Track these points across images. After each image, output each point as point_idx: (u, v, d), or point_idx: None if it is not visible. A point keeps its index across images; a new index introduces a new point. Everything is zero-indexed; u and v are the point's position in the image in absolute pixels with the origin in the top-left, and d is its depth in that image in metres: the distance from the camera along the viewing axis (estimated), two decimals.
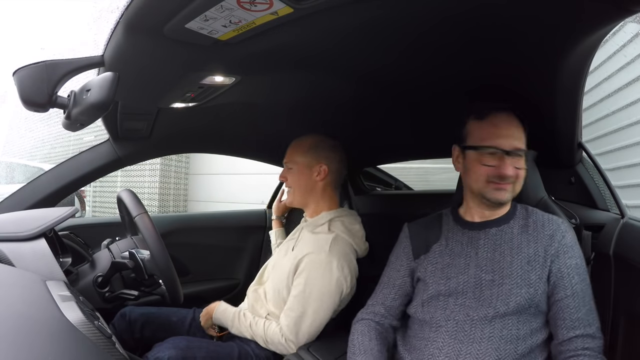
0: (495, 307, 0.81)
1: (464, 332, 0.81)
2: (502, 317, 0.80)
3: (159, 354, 0.97)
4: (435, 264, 0.91)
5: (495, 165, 0.85)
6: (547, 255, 0.83)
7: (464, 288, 0.85)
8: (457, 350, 0.80)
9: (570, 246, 0.85)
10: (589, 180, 1.10)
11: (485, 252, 0.87)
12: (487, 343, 0.79)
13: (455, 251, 0.90)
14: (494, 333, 0.80)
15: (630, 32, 2.63)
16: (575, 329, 0.78)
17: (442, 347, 0.82)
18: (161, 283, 0.99)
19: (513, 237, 0.87)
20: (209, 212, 2.64)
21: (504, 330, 0.80)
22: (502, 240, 0.87)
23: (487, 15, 0.63)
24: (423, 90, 1.00)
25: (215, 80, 0.88)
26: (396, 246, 1.03)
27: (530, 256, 0.84)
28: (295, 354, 1.08)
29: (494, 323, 0.80)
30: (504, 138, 0.85)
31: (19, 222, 0.90)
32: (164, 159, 5.33)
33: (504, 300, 0.81)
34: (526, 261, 0.83)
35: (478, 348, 0.79)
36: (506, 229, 0.89)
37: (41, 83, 0.71)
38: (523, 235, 0.87)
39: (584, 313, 0.80)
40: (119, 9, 0.63)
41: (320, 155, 1.22)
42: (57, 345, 0.50)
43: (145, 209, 0.97)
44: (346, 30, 0.69)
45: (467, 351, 0.80)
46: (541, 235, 0.86)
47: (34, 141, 7.62)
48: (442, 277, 0.88)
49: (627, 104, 2.73)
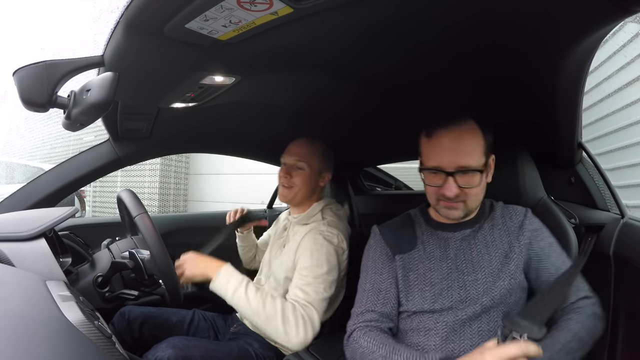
0: (482, 303, 0.82)
1: (455, 333, 0.82)
2: (487, 311, 0.82)
3: (158, 353, 0.97)
4: (417, 270, 0.90)
5: (439, 186, 0.85)
6: (522, 245, 0.86)
7: (449, 292, 0.85)
8: (449, 350, 0.81)
9: (539, 229, 0.88)
10: (589, 180, 1.09)
11: (463, 254, 0.88)
12: (477, 337, 0.81)
13: (435, 256, 0.90)
14: (482, 327, 0.81)
15: (630, 32, 2.63)
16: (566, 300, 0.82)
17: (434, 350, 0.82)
18: (161, 283, 0.99)
19: (486, 234, 0.89)
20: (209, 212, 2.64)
21: (490, 323, 0.81)
22: (477, 239, 0.89)
23: (487, 16, 0.63)
24: (423, 90, 1.00)
25: (215, 80, 0.88)
26: (369, 249, 0.99)
27: (506, 250, 0.86)
28: (295, 354, 1.08)
29: (481, 318, 0.82)
30: (447, 157, 0.83)
31: (19, 222, 0.90)
32: (164, 159, 5.34)
33: (489, 295, 0.82)
34: (503, 255, 0.85)
35: (470, 344, 0.80)
36: (478, 228, 0.90)
37: (41, 83, 0.71)
38: (495, 231, 0.89)
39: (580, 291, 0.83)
40: (119, 9, 0.63)
41: (328, 163, 1.29)
42: (57, 345, 0.50)
43: (145, 209, 0.96)
44: (346, 31, 0.69)
45: (460, 349, 0.80)
46: (512, 228, 0.89)
47: (34, 141, 7.63)
48: (426, 284, 0.87)
49: (627, 104, 2.74)
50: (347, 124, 1.31)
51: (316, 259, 1.10)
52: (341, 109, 1.18)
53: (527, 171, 1.00)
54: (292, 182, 1.24)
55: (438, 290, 0.86)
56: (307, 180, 1.24)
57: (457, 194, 0.83)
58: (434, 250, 0.91)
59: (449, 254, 0.89)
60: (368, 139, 1.45)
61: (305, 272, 1.08)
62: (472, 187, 0.84)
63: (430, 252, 0.91)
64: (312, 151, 1.25)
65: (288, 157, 1.26)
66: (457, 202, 0.85)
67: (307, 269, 1.08)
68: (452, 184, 0.83)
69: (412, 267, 0.90)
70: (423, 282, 0.88)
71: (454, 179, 0.83)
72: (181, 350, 0.97)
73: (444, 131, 0.84)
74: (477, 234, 0.89)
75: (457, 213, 0.86)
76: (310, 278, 1.07)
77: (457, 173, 0.83)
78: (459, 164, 0.82)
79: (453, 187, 0.83)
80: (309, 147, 1.25)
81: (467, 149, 0.83)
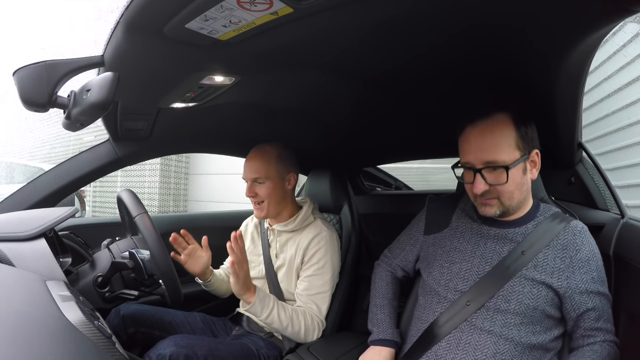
0: (496, 302, 0.81)
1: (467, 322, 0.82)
2: (503, 314, 0.80)
3: (160, 351, 0.96)
4: (444, 246, 0.93)
5: (471, 183, 0.85)
6: (558, 268, 0.81)
7: (465, 275, 0.86)
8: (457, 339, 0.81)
9: (586, 260, 0.81)
10: (589, 180, 1.09)
11: (493, 245, 0.87)
12: (487, 336, 0.80)
13: (465, 237, 0.91)
14: (494, 329, 0.80)
15: (630, 32, 2.63)
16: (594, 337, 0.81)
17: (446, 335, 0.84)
18: (161, 283, 0.99)
19: (525, 238, 0.85)
20: (209, 212, 2.64)
21: (504, 328, 0.80)
22: (513, 238, 0.86)
23: (488, 16, 0.63)
24: (423, 90, 1.00)
25: (215, 80, 0.88)
26: (417, 216, 1.08)
27: (538, 261, 0.82)
28: (295, 354, 1.08)
29: (495, 318, 0.81)
30: (474, 153, 0.82)
31: (19, 222, 0.90)
32: (164, 159, 5.34)
33: (505, 297, 0.81)
34: (533, 265, 0.82)
35: (477, 339, 0.80)
36: (519, 230, 0.87)
37: (41, 83, 0.71)
38: (535, 239, 0.84)
39: (603, 322, 0.81)
40: (119, 9, 0.63)
41: (289, 164, 1.27)
42: (57, 345, 0.50)
43: (145, 209, 0.97)
44: (346, 31, 0.69)
45: (467, 340, 0.80)
46: (554, 244, 0.83)
47: (34, 141, 7.63)
48: (446, 261, 0.90)
49: (627, 104, 2.74)
50: (347, 124, 1.31)
51: (322, 264, 1.18)
52: (341, 109, 1.18)
53: None
54: (259, 198, 1.22)
55: (457, 269, 0.87)
56: (272, 190, 1.22)
57: (485, 190, 0.82)
58: (465, 232, 0.92)
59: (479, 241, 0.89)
60: (368, 139, 1.45)
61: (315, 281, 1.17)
62: (500, 183, 0.81)
63: (462, 232, 0.92)
64: (264, 161, 1.22)
65: (245, 175, 1.24)
66: (490, 198, 0.84)
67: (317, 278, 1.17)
68: (479, 181, 0.82)
69: (440, 243, 0.94)
70: (445, 259, 0.91)
71: (482, 175, 0.82)
72: (184, 348, 0.97)
73: (471, 127, 0.84)
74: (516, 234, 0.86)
75: (493, 210, 0.84)
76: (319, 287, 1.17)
77: (486, 169, 0.81)
78: (484, 159, 0.81)
79: (479, 184, 0.82)
80: (260, 158, 1.23)
81: (494, 143, 0.81)
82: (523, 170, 0.83)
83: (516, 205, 0.86)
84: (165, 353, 0.95)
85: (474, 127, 0.84)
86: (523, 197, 0.86)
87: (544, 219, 0.87)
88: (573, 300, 0.80)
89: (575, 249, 0.82)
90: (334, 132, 1.38)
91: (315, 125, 1.34)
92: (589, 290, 0.80)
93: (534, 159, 0.85)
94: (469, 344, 0.80)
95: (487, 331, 0.80)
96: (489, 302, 0.82)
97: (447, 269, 0.89)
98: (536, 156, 0.85)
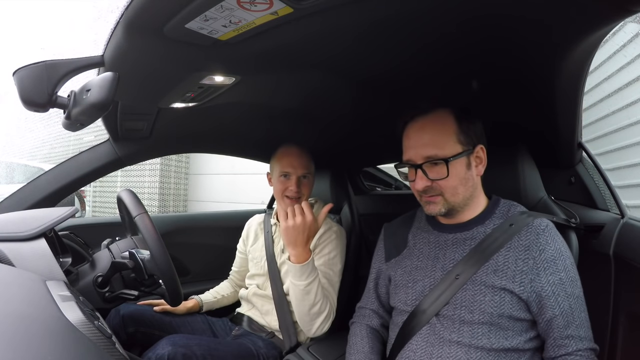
0: (460, 313, 0.77)
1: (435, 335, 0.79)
2: (469, 325, 0.76)
3: (158, 350, 0.97)
4: (405, 267, 0.89)
5: (413, 180, 0.83)
6: (520, 271, 0.75)
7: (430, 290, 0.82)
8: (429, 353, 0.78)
9: (552, 260, 0.75)
10: (589, 180, 1.09)
11: (452, 253, 0.83)
12: (457, 347, 0.76)
13: (424, 252, 0.87)
14: (463, 339, 0.76)
15: (630, 32, 2.63)
16: (566, 347, 0.73)
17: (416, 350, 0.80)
18: (161, 283, 0.99)
19: (483, 240, 0.80)
20: (209, 212, 2.64)
21: (473, 338, 0.75)
22: (471, 242, 0.82)
23: (487, 16, 0.63)
24: (423, 91, 1.00)
25: (215, 80, 0.88)
26: (375, 248, 1.03)
27: (498, 265, 0.77)
28: (295, 354, 1.08)
29: (462, 329, 0.76)
30: (414, 149, 0.80)
31: (19, 222, 0.90)
32: (164, 159, 5.34)
33: (468, 307, 0.76)
34: (492, 269, 0.77)
35: (448, 351, 0.76)
36: (477, 230, 0.83)
37: (41, 83, 0.71)
38: (493, 240, 0.79)
39: (574, 329, 0.74)
40: (119, 9, 0.63)
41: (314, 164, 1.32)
42: (57, 345, 0.50)
43: (145, 209, 0.96)
44: (346, 31, 0.69)
45: (438, 354, 0.77)
46: (515, 245, 0.77)
47: (34, 141, 7.64)
48: (409, 281, 0.86)
49: (627, 104, 2.73)
50: (347, 123, 1.31)
51: (333, 256, 1.21)
52: (341, 109, 1.18)
53: (527, 171, 1.00)
54: (300, 193, 1.24)
55: (420, 287, 0.83)
56: (311, 187, 1.29)
57: (428, 186, 0.80)
58: (423, 247, 0.88)
59: (438, 253, 0.85)
60: (368, 139, 1.45)
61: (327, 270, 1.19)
62: (441, 178, 0.78)
63: (420, 249, 0.88)
64: (309, 158, 1.28)
65: (293, 169, 1.24)
66: (433, 195, 0.81)
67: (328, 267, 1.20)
68: (420, 176, 0.80)
69: (402, 263, 0.91)
70: (407, 279, 0.87)
71: (423, 170, 0.79)
72: (182, 348, 0.97)
73: (411, 123, 0.83)
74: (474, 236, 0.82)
75: (437, 208, 0.81)
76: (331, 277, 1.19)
77: (426, 164, 0.79)
78: (424, 154, 0.79)
79: (420, 180, 0.80)
80: (305, 155, 1.27)
81: (433, 137, 0.79)
82: (467, 165, 0.80)
83: (462, 201, 0.82)
84: (163, 353, 0.95)
85: (415, 122, 0.82)
86: (470, 194, 0.82)
87: (505, 217, 0.83)
88: (539, 304, 0.74)
89: (538, 249, 0.75)
90: (334, 132, 1.38)
91: (315, 125, 1.34)
92: (556, 293, 0.74)
93: (479, 155, 0.82)
94: (441, 357, 0.76)
95: (456, 342, 0.76)
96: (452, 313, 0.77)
97: (411, 288, 0.85)
98: (481, 152, 0.82)
